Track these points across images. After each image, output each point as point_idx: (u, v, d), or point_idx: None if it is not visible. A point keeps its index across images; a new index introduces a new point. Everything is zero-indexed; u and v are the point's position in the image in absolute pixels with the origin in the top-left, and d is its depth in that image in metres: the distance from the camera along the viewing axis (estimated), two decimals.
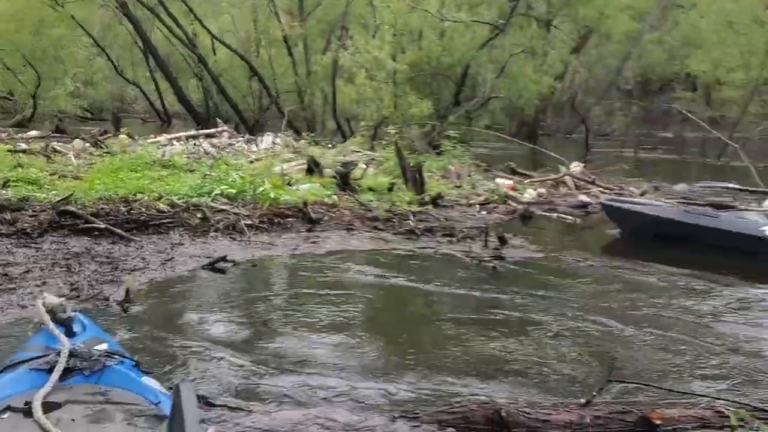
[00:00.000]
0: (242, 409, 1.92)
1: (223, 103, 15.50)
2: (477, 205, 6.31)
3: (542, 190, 7.21)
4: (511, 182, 7.48)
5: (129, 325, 2.88)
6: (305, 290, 3.57)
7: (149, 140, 9.03)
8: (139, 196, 5.16)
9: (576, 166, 8.27)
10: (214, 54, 15.72)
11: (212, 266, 3.83)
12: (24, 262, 3.60)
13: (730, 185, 6.13)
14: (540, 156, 11.10)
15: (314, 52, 14.99)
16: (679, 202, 5.37)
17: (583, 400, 2.03)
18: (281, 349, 2.65)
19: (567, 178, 7.61)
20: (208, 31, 14.83)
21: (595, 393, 2.04)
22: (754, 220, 4.84)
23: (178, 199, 5.14)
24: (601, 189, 6.76)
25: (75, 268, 3.56)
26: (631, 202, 5.47)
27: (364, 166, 7.24)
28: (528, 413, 1.91)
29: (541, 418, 1.91)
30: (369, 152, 8.89)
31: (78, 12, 13.94)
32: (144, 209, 4.83)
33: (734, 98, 15.42)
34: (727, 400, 2.13)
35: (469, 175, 7.77)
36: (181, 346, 2.68)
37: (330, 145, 9.85)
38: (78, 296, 3.12)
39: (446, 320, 3.07)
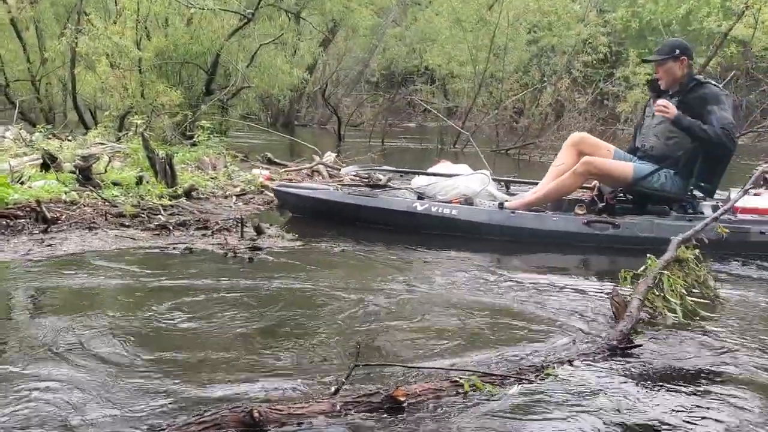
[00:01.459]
0: None
1: None
2: (233, 197, 6.23)
3: (298, 179, 7.33)
4: (267, 172, 7.49)
5: None
6: (41, 301, 3.25)
7: None
8: None
9: (329, 156, 8.56)
10: None
11: None
12: None
13: (388, 168, 6.94)
14: (297, 146, 11.28)
15: (49, 37, 13.65)
16: (342, 185, 5.84)
17: (332, 389, 2.10)
18: (11, 373, 2.36)
19: (320, 167, 7.84)
20: None
21: (343, 380, 2.12)
22: (407, 197, 5.48)
23: None
24: (351, 176, 7.04)
25: None
26: (299, 187, 5.86)
27: (108, 159, 6.77)
28: (281, 410, 1.93)
29: (294, 412, 1.94)
30: (114, 144, 8.34)
31: None
32: None
33: (465, 90, 17.01)
34: (460, 369, 2.34)
35: (226, 166, 7.65)
36: None
37: (70, 138, 9.08)
38: None
39: (200, 319, 2.99)
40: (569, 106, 15.91)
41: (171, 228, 4.78)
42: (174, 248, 4.32)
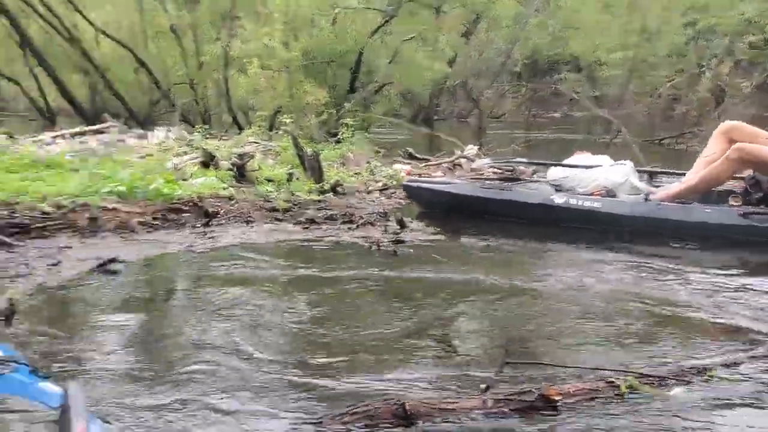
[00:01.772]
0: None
1: (111, 98, 14.81)
2: (376, 191, 6.35)
3: (440, 173, 7.34)
4: (409, 167, 7.57)
5: (14, 335, 2.70)
6: (204, 288, 3.47)
7: (31, 139, 8.50)
8: (20, 198, 4.84)
9: (471, 149, 8.48)
10: (98, 47, 14.97)
11: (104, 268, 3.65)
12: None
13: (521, 159, 6.77)
14: (438, 140, 11.30)
15: (206, 42, 14.57)
16: (472, 179, 5.73)
17: (483, 386, 2.08)
18: (177, 352, 2.56)
19: (462, 160, 7.80)
20: (90, 23, 14.08)
21: (494, 377, 2.10)
22: (544, 189, 5.25)
23: (64, 199, 4.86)
24: (494, 170, 6.95)
25: None
26: (430, 182, 5.78)
27: (261, 157, 7.13)
28: (431, 404, 1.94)
29: (444, 407, 1.94)
30: (266, 142, 8.76)
31: None
32: (26, 212, 4.53)
33: (615, 77, 16.25)
34: (617, 369, 2.24)
35: (368, 162, 7.81)
36: (70, 353, 2.55)
37: (225, 137, 9.64)
38: None
39: (346, 312, 3.07)
40: (731, 92, 14.77)
41: (319, 222, 4.95)
42: (322, 241, 4.47)
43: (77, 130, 9.93)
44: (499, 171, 6.80)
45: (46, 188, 5.13)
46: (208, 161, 6.55)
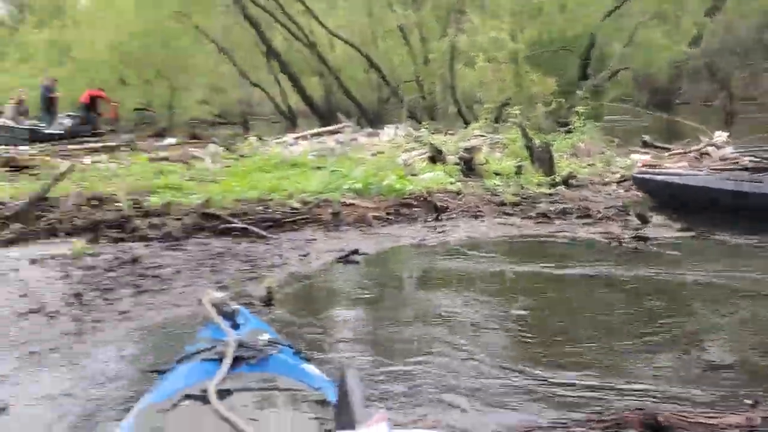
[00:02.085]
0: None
1: (344, 99, 15.75)
2: (613, 183, 6.03)
3: (684, 164, 6.76)
4: (647, 157, 7.08)
5: (273, 319, 2.96)
6: (436, 281, 3.54)
7: (277, 141, 9.32)
8: (272, 195, 5.32)
9: (719, 136, 7.68)
10: (332, 50, 16.00)
11: (345, 259, 3.89)
12: (173, 264, 3.78)
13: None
14: (677, 126, 10.46)
15: (432, 38, 14.89)
16: (714, 169, 5.09)
17: (750, 401, 1.85)
18: (413, 342, 2.64)
19: (710, 148, 7.09)
20: (325, 28, 15.10)
21: (763, 393, 1.86)
22: None
23: (309, 196, 5.25)
24: (749, 160, 6.22)
25: (219, 268, 3.72)
26: (665, 173, 5.25)
27: (488, 150, 7.10)
28: (688, 417, 1.76)
29: (703, 421, 1.75)
30: (492, 135, 8.71)
31: (201, 21, 14.57)
32: (278, 208, 4.97)
33: None
34: None
35: (602, 152, 7.44)
36: (324, 337, 2.74)
37: (451, 132, 9.76)
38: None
39: (589, 310, 2.93)
40: None
41: (552, 216, 4.80)
42: (556, 237, 4.33)
43: (315, 131, 10.70)
44: (756, 160, 6.07)
45: (293, 185, 5.61)
46: (436, 156, 6.68)
